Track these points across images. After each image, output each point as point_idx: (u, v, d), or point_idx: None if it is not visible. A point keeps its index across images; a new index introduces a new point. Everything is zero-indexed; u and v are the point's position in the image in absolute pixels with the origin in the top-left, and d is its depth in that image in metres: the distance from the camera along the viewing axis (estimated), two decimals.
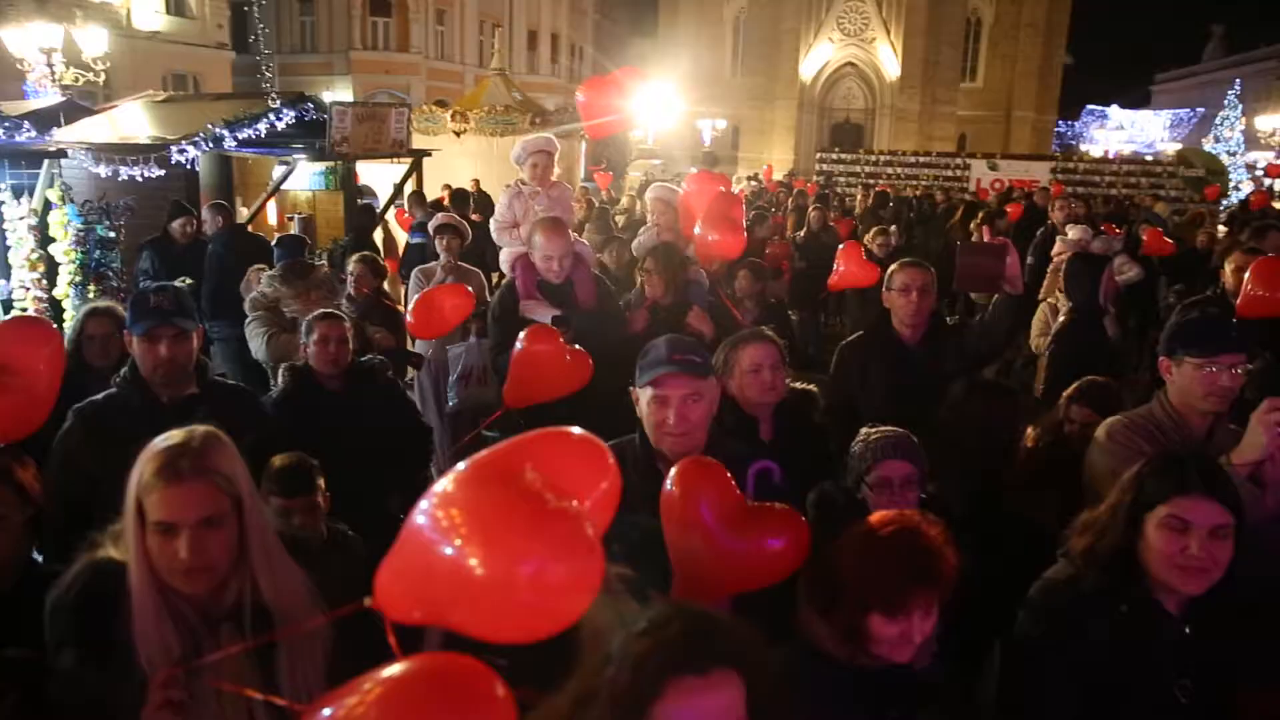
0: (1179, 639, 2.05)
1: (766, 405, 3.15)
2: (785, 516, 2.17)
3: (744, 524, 2.12)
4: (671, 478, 2.15)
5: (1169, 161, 24.54)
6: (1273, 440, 2.37)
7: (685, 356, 2.48)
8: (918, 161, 25.28)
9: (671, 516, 2.14)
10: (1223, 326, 2.83)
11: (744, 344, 3.19)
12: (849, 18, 45.25)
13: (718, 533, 2.08)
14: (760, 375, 3.11)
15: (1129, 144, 50.69)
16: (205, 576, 1.79)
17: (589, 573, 1.30)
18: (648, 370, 2.49)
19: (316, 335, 3.76)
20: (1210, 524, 1.97)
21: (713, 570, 2.11)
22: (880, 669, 1.92)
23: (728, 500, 2.14)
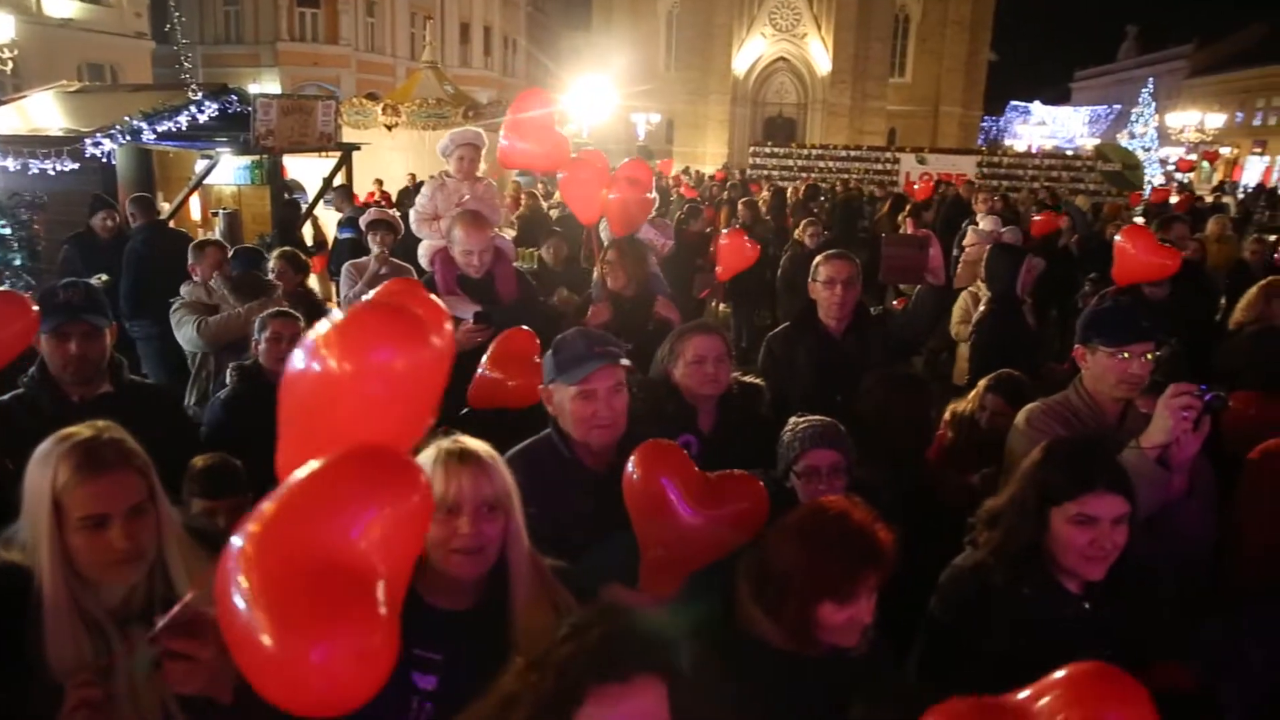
0: (1079, 616, 2.13)
1: (708, 397, 3.17)
2: (743, 481, 2.27)
3: (709, 496, 2.20)
4: (633, 463, 2.21)
5: (1088, 156, 25.35)
6: (1178, 424, 2.45)
7: (605, 348, 2.50)
8: (849, 155, 25.69)
9: (637, 500, 2.20)
10: (1133, 316, 2.91)
11: (690, 335, 3.20)
12: (781, 13, 45.70)
13: (687, 508, 2.16)
14: (703, 367, 3.12)
15: (1051, 139, 52.20)
16: (138, 565, 1.78)
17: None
18: (569, 367, 2.48)
19: (269, 333, 3.68)
20: (1114, 515, 2.06)
21: (684, 544, 2.18)
22: (827, 656, 1.95)
23: (690, 476, 2.21)
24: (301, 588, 1.16)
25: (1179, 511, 2.57)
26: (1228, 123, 51.17)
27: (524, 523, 1.90)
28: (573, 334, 2.58)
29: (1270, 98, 53.30)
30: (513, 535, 1.86)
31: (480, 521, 1.80)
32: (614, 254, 4.63)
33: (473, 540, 1.79)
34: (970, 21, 47.89)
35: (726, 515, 2.18)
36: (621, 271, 4.54)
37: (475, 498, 1.80)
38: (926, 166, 23.54)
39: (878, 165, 24.49)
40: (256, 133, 9.35)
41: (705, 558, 2.18)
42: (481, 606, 1.85)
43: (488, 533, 1.81)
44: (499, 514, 1.83)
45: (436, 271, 4.48)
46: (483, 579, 1.85)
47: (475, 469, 1.82)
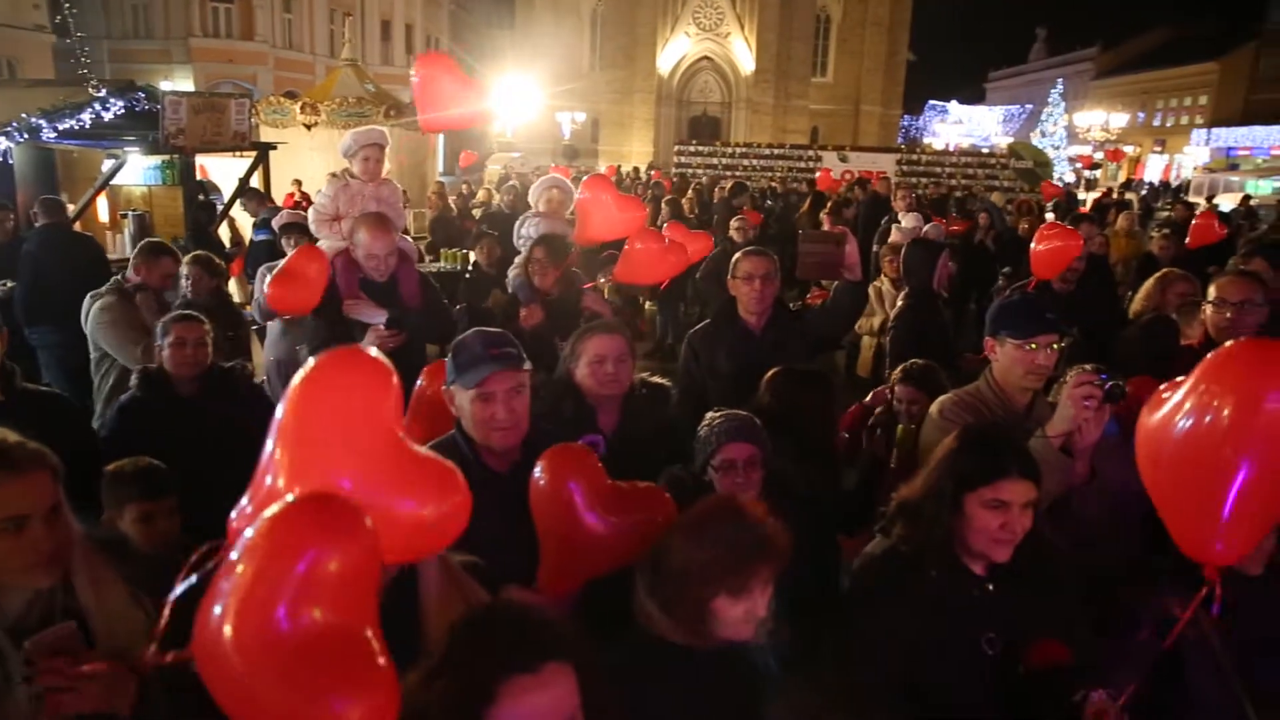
0: (984, 596, 2.19)
1: (609, 396, 3.16)
2: (651, 493, 2.26)
3: (614, 503, 2.19)
4: (540, 466, 2.19)
5: (1002, 154, 26.15)
6: (1080, 413, 2.54)
7: (502, 350, 2.47)
8: (772, 153, 26.06)
9: (542, 503, 2.18)
10: (1038, 309, 2.99)
11: (591, 334, 3.19)
12: (704, 12, 46.04)
13: (591, 514, 2.15)
14: (603, 367, 3.11)
15: (967, 137, 53.67)
16: (57, 567, 1.76)
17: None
18: (467, 370, 2.45)
19: (173, 337, 3.57)
20: (1024, 500, 2.13)
21: (587, 551, 2.17)
22: (725, 650, 1.96)
23: (597, 482, 2.20)
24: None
25: (1082, 497, 2.66)
26: (1130, 122, 53.47)
27: None
28: (471, 335, 2.54)
29: (1169, 99, 55.82)
30: None
31: None
32: (541, 252, 4.61)
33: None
34: (889, 22, 48.93)
35: (631, 525, 2.16)
36: (550, 269, 4.53)
37: None
38: (848, 164, 24.01)
39: (801, 163, 24.90)
40: (166, 131, 9.05)
41: (606, 565, 2.17)
42: (388, 610, 1.82)
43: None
44: None
45: (338, 275, 4.38)
46: (387, 582, 1.83)
47: None
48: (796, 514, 2.72)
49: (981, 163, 25.88)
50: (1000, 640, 2.16)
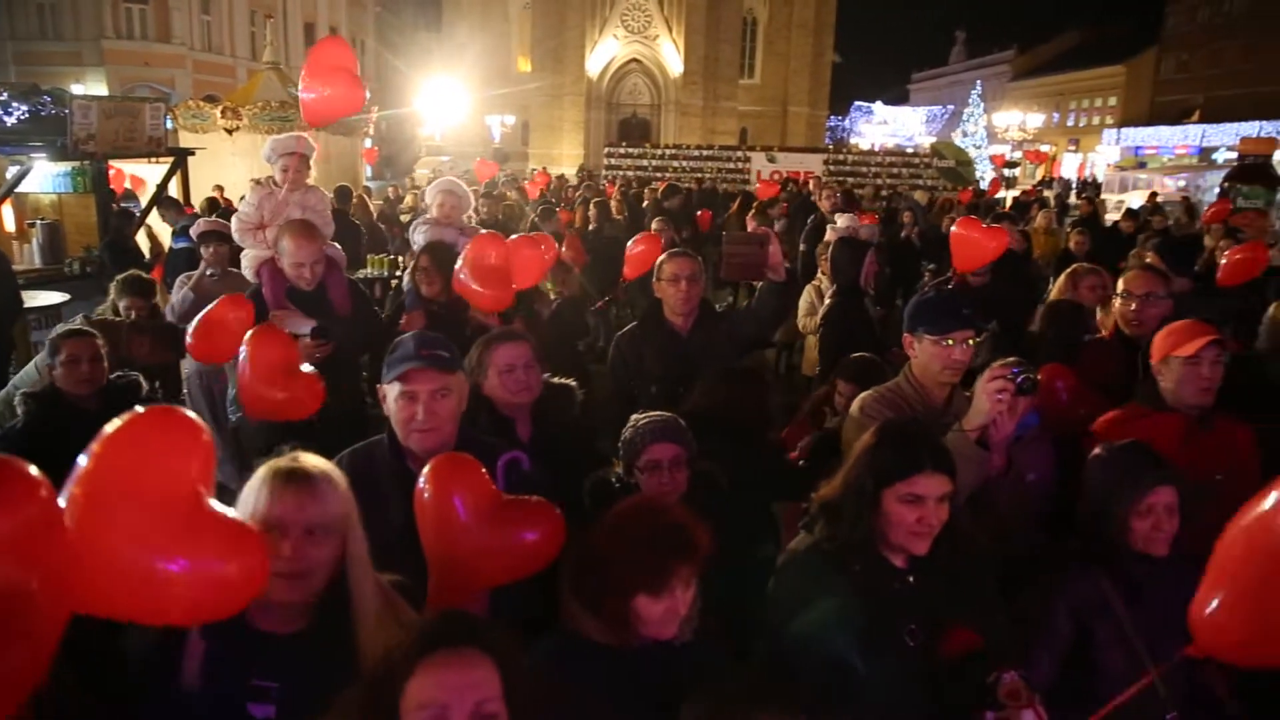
0: (905, 588, 2.24)
1: (522, 405, 3.14)
2: (540, 509, 2.19)
3: (499, 518, 2.13)
4: (424, 474, 2.14)
5: (925, 154, 26.76)
6: (994, 406, 2.59)
7: (433, 352, 2.46)
8: (701, 155, 26.22)
9: (425, 514, 2.12)
10: (954, 305, 3.04)
11: (497, 344, 3.15)
12: (632, 15, 46.19)
13: (473, 528, 2.08)
14: (514, 374, 3.08)
15: (892, 137, 54.87)
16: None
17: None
18: (395, 366, 2.45)
19: (65, 355, 3.45)
20: (939, 494, 2.18)
21: (469, 566, 2.11)
22: (647, 649, 1.97)
23: (482, 495, 2.14)
24: None
25: (998, 488, 2.72)
26: (1046, 122, 55.33)
27: (364, 540, 1.85)
28: (408, 336, 2.54)
29: (1081, 100, 57.93)
30: (353, 558, 1.82)
31: (303, 545, 1.74)
32: (427, 260, 4.56)
33: (293, 564, 1.73)
34: (814, 25, 49.69)
35: (516, 541, 2.12)
36: (436, 277, 4.49)
37: (299, 520, 1.75)
38: (776, 165, 24.32)
39: (730, 164, 25.11)
40: (75, 137, 8.73)
41: (493, 580, 2.14)
42: (318, 629, 1.80)
43: (312, 556, 1.75)
44: (329, 537, 1.78)
45: (264, 284, 4.30)
46: (318, 601, 1.80)
47: (301, 490, 1.77)
48: (724, 512, 2.79)
49: (906, 162, 26.43)
50: (922, 631, 2.20)
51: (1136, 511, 2.38)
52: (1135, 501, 2.38)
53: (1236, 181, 16.29)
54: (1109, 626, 2.41)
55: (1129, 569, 2.41)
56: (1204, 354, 3.01)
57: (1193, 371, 3.03)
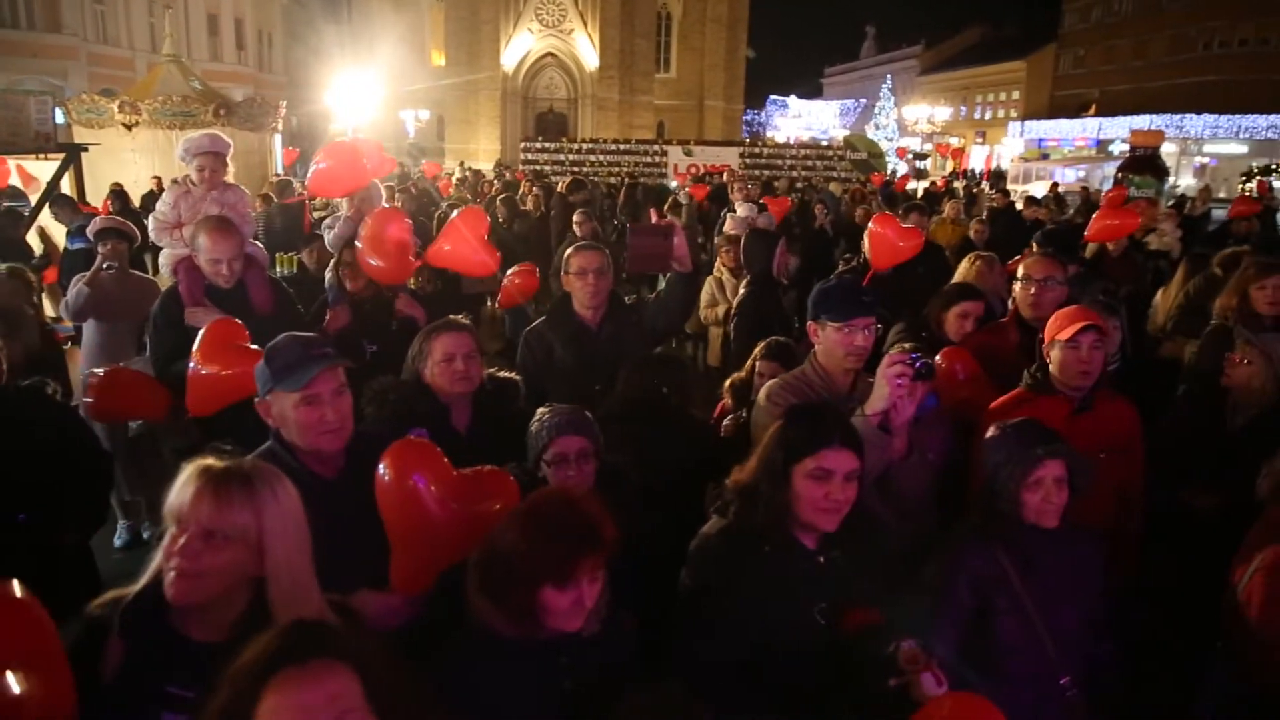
0: (815, 569, 2.29)
1: (461, 395, 3.15)
2: (494, 477, 2.27)
3: (461, 491, 2.20)
4: (384, 463, 2.19)
5: (838, 147, 27.27)
6: (894, 391, 2.67)
7: (322, 351, 2.43)
8: (618, 149, 26.25)
9: (389, 499, 2.18)
10: (855, 293, 3.12)
11: (439, 333, 3.17)
12: (546, 9, 45.95)
13: (439, 504, 2.16)
14: (453, 364, 3.10)
15: (807, 130, 55.86)
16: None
17: None
18: (289, 374, 2.38)
19: None
20: (846, 470, 2.23)
21: (437, 541, 2.17)
22: (554, 641, 1.97)
23: (442, 473, 2.21)
24: None
25: (901, 470, 2.81)
26: (954, 115, 57.03)
27: (298, 559, 1.80)
28: (285, 340, 2.47)
29: (986, 94, 59.90)
30: (273, 568, 1.75)
31: (197, 545, 1.69)
32: (350, 255, 4.49)
33: (184, 562, 1.68)
34: (728, 19, 50.17)
35: (479, 512, 2.17)
36: (360, 272, 4.43)
37: (197, 520, 1.70)
38: (693, 158, 24.49)
39: (647, 158, 25.20)
40: None
41: (459, 554, 2.16)
42: (241, 639, 1.75)
43: (206, 560, 1.69)
44: (231, 544, 1.71)
45: (180, 282, 4.17)
46: (245, 613, 1.75)
47: (213, 494, 1.71)
48: (633, 502, 2.81)
49: (820, 155, 26.91)
50: (831, 611, 2.26)
51: (1027, 485, 2.47)
52: (1025, 476, 2.47)
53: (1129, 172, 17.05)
54: (1005, 596, 2.51)
55: (1022, 541, 2.51)
56: (1082, 338, 3.16)
57: (1072, 355, 3.18)
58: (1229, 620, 2.51)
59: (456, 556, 2.16)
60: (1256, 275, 4.31)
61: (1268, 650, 2.37)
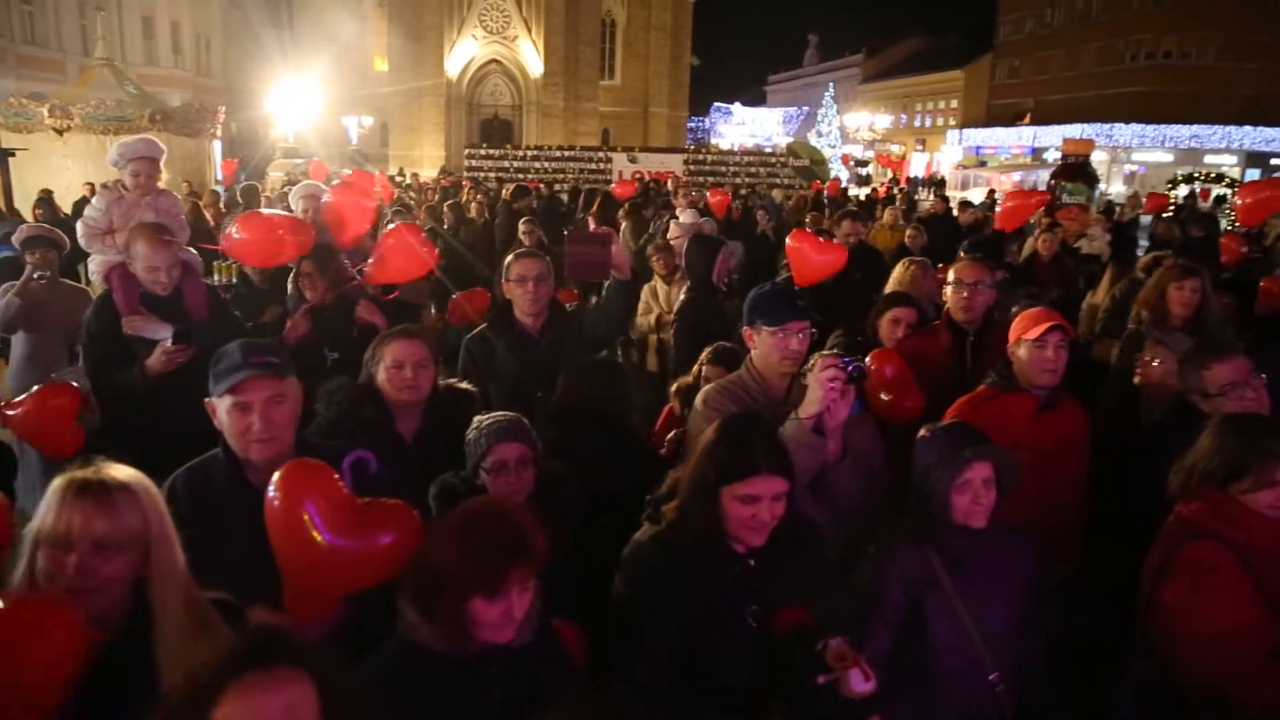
0: (746, 572, 2.32)
1: (410, 403, 3.14)
2: (396, 511, 2.17)
3: (354, 522, 2.09)
4: (274, 482, 2.10)
5: (781, 154, 27.59)
6: (827, 394, 2.71)
7: (262, 358, 2.40)
8: (563, 156, 26.21)
9: (276, 523, 2.08)
10: (789, 298, 3.15)
11: (391, 340, 3.17)
12: (490, 15, 45.71)
13: (328, 534, 2.04)
14: (402, 372, 3.10)
15: (751, 138, 56.39)
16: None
17: None
18: (224, 377, 2.37)
19: None
20: (774, 494, 2.27)
21: (326, 573, 2.08)
22: (484, 652, 1.96)
23: (335, 500, 2.11)
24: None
25: (835, 472, 2.85)
26: (895, 123, 58.11)
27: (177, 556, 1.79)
28: (233, 345, 2.46)
29: (926, 102, 61.13)
30: (158, 573, 1.75)
31: (91, 559, 1.68)
32: (310, 265, 4.47)
33: (80, 579, 1.66)
34: (672, 27, 50.38)
35: (372, 545, 2.10)
36: (320, 282, 4.41)
37: (86, 534, 1.68)
38: (637, 165, 24.58)
39: (592, 165, 25.21)
40: None
41: (349, 587, 2.13)
42: (119, 644, 1.73)
43: (102, 572, 1.69)
44: (123, 552, 1.71)
45: (115, 290, 4.09)
46: (122, 615, 1.74)
47: (93, 504, 1.69)
48: (573, 508, 2.82)
49: (763, 161, 27.20)
50: (763, 612, 2.28)
51: (956, 487, 2.53)
52: (954, 477, 2.52)
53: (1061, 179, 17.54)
54: (937, 597, 2.56)
55: (952, 542, 2.57)
56: (1049, 338, 3.27)
57: (1039, 354, 3.28)
58: (1143, 614, 2.60)
59: (350, 588, 2.12)
60: (1175, 277, 4.47)
61: (1178, 643, 2.46)
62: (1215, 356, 3.20)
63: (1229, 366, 3.15)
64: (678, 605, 2.26)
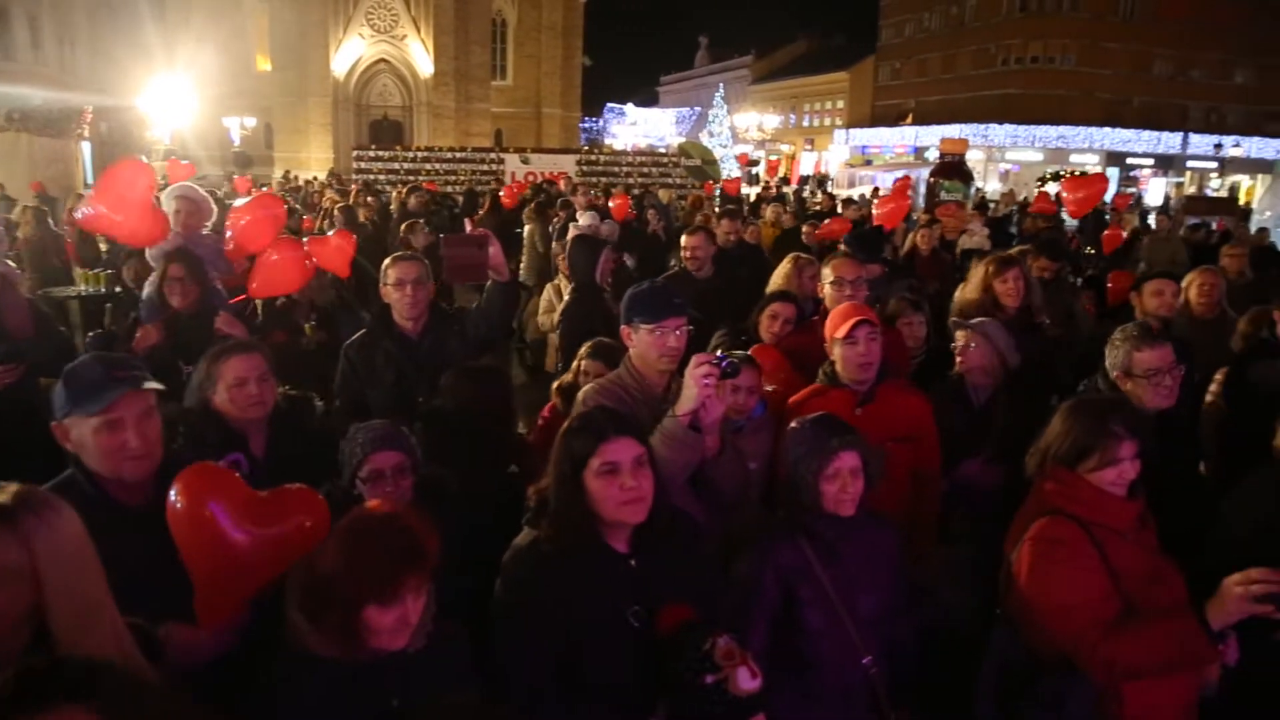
0: (627, 572, 2.32)
1: (256, 420, 3.02)
2: (301, 495, 2.20)
3: (261, 513, 2.12)
4: (176, 490, 2.09)
5: (674, 154, 27.84)
6: (702, 391, 2.72)
7: (128, 373, 2.31)
8: (454, 157, 25.77)
9: (183, 528, 2.08)
10: (666, 295, 3.14)
11: (228, 355, 3.01)
12: (378, 14, 44.75)
13: (239, 531, 2.07)
14: (246, 388, 2.96)
15: (645, 138, 56.75)
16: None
17: None
18: (89, 395, 2.25)
19: None
20: (633, 456, 2.26)
21: (239, 567, 2.09)
22: (378, 660, 1.94)
23: (241, 496, 2.13)
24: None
25: (715, 468, 2.89)
26: (784, 123, 59.47)
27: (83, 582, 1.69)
28: (86, 361, 2.34)
29: (813, 103, 62.81)
30: (53, 598, 1.64)
31: None
32: (180, 270, 4.28)
33: None
34: (563, 27, 50.33)
35: (285, 532, 2.11)
36: (192, 287, 4.24)
37: None
38: (530, 166, 24.41)
39: (484, 166, 24.86)
40: None
41: (264, 580, 2.11)
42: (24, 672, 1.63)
43: None
44: (5, 586, 1.61)
45: None
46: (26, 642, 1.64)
47: None
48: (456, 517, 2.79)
49: (656, 162, 27.35)
50: (644, 612, 2.29)
51: (825, 476, 2.59)
52: (823, 467, 2.58)
53: (939, 177, 18.25)
54: (810, 586, 2.62)
55: (823, 530, 2.64)
56: (857, 333, 3.40)
57: (850, 350, 3.41)
58: (1004, 588, 2.73)
59: (263, 582, 2.11)
60: (998, 270, 4.71)
61: (1032, 613, 2.60)
62: (1147, 342, 3.37)
63: (1157, 353, 3.33)
64: (559, 609, 2.25)
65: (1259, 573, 2.27)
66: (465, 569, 2.47)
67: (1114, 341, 3.48)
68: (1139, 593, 2.52)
